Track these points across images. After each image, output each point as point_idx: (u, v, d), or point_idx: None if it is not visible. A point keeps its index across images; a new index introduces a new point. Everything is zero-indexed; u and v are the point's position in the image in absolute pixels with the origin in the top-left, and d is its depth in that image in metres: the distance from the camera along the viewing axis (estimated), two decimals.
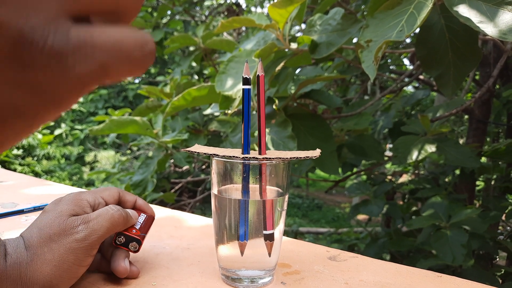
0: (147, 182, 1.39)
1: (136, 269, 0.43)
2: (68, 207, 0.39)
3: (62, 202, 0.40)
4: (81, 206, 0.40)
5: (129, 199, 0.47)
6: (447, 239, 1.20)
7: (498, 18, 0.55)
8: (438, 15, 0.75)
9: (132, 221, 0.43)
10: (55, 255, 0.36)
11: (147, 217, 0.47)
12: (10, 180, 0.96)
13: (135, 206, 0.48)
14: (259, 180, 0.40)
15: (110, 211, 0.40)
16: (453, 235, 1.21)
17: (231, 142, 1.03)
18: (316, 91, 1.22)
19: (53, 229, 0.37)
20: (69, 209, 0.39)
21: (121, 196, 0.47)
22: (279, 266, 0.46)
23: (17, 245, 0.36)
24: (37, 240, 0.37)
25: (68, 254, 0.36)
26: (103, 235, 0.39)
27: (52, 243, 0.36)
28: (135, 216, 0.44)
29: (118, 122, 1.20)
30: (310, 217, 5.92)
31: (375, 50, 0.60)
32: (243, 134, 0.41)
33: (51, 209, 0.39)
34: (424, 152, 1.11)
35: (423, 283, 0.41)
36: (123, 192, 0.47)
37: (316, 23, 0.95)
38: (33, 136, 4.49)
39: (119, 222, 0.41)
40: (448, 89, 0.78)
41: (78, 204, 0.40)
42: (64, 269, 0.36)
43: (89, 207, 0.41)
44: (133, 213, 0.44)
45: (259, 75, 0.40)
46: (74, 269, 0.36)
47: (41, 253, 0.36)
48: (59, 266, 0.36)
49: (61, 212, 0.39)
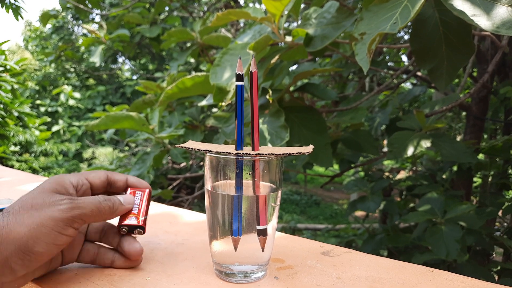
0: (143, 178, 1.39)
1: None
2: (51, 186, 0.39)
3: (44, 182, 0.40)
4: (64, 186, 0.40)
5: (119, 178, 0.46)
6: (442, 234, 1.21)
7: (492, 11, 0.55)
8: (433, 9, 0.76)
9: (122, 208, 0.42)
10: (34, 220, 0.35)
11: (142, 194, 0.46)
12: (6, 176, 0.96)
13: (126, 184, 0.46)
14: (252, 176, 0.40)
15: (97, 198, 0.40)
16: (447, 230, 1.22)
17: (225, 132, 1.03)
18: (311, 85, 1.22)
19: (35, 200, 0.37)
20: (52, 187, 0.39)
21: (110, 177, 0.45)
22: (273, 261, 0.46)
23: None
24: (17, 208, 0.36)
25: (48, 220, 0.36)
26: (87, 215, 0.38)
27: (32, 211, 0.36)
28: (129, 200, 0.44)
29: (114, 117, 1.19)
30: (308, 213, 5.94)
31: (369, 42, 0.60)
32: (236, 130, 0.41)
33: (34, 188, 0.39)
34: (419, 147, 1.12)
35: (415, 277, 0.42)
36: (112, 173, 0.46)
37: (311, 16, 0.95)
38: (30, 133, 4.47)
39: (105, 211, 0.40)
40: (442, 83, 0.78)
41: (60, 184, 0.40)
42: (42, 232, 0.35)
43: (72, 188, 0.40)
44: (126, 198, 0.43)
45: (252, 72, 0.40)
46: (53, 234, 0.36)
47: (19, 218, 0.35)
48: (36, 229, 0.35)
49: (43, 188, 0.39)
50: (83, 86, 9.73)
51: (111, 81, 9.49)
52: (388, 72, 1.84)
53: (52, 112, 8.81)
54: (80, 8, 2.15)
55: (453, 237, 1.18)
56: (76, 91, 9.08)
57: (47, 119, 5.04)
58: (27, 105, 2.67)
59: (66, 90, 8.60)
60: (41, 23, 2.77)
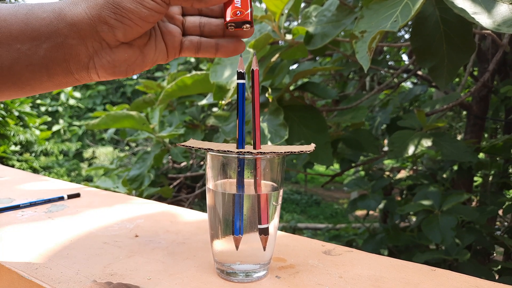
0: (144, 177, 1.39)
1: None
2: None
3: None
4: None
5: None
6: (438, 222, 1.22)
7: (493, 9, 0.55)
8: (433, 7, 0.75)
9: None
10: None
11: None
12: (6, 175, 0.96)
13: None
14: (254, 175, 0.40)
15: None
16: (443, 219, 1.23)
17: (224, 131, 1.03)
18: (312, 83, 1.22)
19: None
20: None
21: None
22: (274, 260, 0.46)
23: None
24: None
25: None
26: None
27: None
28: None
29: (114, 116, 1.19)
30: (308, 213, 5.93)
31: (369, 40, 0.60)
32: (237, 128, 0.41)
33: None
34: (420, 146, 1.11)
35: (417, 276, 0.42)
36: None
37: (312, 14, 0.95)
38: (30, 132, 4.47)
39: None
40: (442, 81, 0.78)
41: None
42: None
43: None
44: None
45: (253, 69, 0.40)
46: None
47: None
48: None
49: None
50: (84, 86, 9.72)
51: (112, 80, 9.49)
52: (388, 71, 1.83)
53: (52, 111, 8.82)
54: None
55: (448, 225, 1.19)
56: (76, 91, 9.08)
57: (47, 119, 5.04)
58: (28, 104, 2.67)
59: (67, 89, 8.60)
60: None
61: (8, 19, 0.35)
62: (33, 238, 0.52)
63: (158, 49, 0.42)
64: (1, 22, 0.35)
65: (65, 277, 0.41)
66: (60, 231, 0.55)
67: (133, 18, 0.36)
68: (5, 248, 0.48)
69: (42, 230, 0.55)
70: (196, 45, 0.43)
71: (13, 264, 0.44)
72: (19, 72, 0.36)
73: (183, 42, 0.43)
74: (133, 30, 0.37)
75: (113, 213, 0.64)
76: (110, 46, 0.38)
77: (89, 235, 0.54)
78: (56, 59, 0.37)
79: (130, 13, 0.36)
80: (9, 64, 0.36)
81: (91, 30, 0.36)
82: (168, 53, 0.43)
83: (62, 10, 0.36)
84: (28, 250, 0.48)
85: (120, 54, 0.39)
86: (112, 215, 0.64)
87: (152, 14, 0.37)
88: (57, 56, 0.37)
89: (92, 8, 0.35)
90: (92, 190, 0.82)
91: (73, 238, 0.52)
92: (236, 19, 0.40)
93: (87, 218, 0.62)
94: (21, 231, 0.55)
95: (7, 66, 0.36)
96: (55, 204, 0.69)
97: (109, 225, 0.58)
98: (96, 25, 0.36)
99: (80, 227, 0.57)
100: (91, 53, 0.38)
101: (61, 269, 0.43)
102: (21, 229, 0.55)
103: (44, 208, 0.66)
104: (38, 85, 0.39)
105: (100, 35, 0.37)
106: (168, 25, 0.42)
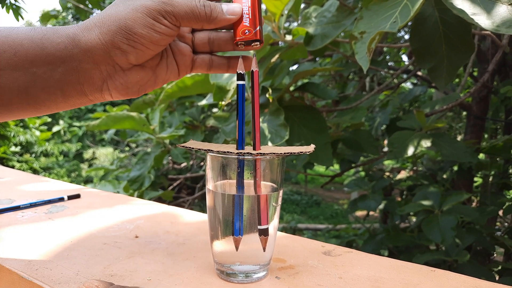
0: (144, 178, 1.39)
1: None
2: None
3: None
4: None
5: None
6: (438, 222, 1.22)
7: (492, 10, 0.55)
8: (432, 8, 0.76)
9: (223, 18, 0.39)
10: (129, 5, 0.37)
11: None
12: (6, 176, 0.96)
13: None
14: (254, 176, 0.40)
15: (193, 1, 0.38)
16: (444, 219, 1.23)
17: (224, 131, 1.04)
18: (311, 84, 1.22)
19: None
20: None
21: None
22: (274, 261, 0.46)
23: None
24: (113, 3, 0.38)
25: (141, 6, 0.37)
26: (180, 15, 0.37)
27: (127, 0, 0.37)
28: (234, 11, 0.39)
29: (115, 117, 1.19)
30: (308, 213, 5.94)
31: (369, 41, 0.60)
32: (237, 129, 0.41)
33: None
34: (420, 147, 1.12)
35: (417, 277, 0.42)
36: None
37: (311, 15, 0.95)
38: (31, 133, 4.48)
39: (201, 17, 0.38)
40: (441, 81, 0.78)
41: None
42: (138, 16, 0.36)
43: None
44: (231, 8, 0.39)
45: (253, 70, 0.40)
46: (148, 20, 0.37)
47: (116, 6, 0.37)
48: (131, 12, 0.36)
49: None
50: None
51: None
52: (388, 71, 1.84)
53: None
54: (81, 8, 2.15)
55: (448, 224, 1.20)
56: None
57: (47, 120, 5.05)
58: None
59: None
60: (42, 24, 2.77)
61: (25, 43, 0.36)
62: (33, 239, 0.52)
63: (170, 68, 0.43)
64: (18, 46, 0.36)
65: (65, 277, 0.41)
66: (60, 232, 0.55)
67: (145, 43, 0.37)
68: (6, 249, 0.48)
69: (42, 231, 0.55)
70: (208, 63, 0.44)
71: (13, 264, 0.44)
72: (35, 94, 0.37)
73: (194, 60, 0.44)
74: (145, 54, 0.38)
75: (113, 214, 0.65)
76: (123, 69, 0.39)
77: (89, 236, 0.54)
78: (71, 82, 0.38)
79: (142, 38, 0.37)
80: (26, 87, 0.37)
81: (104, 55, 0.37)
82: (179, 71, 0.44)
83: (76, 36, 0.37)
84: (28, 250, 0.48)
85: (132, 76, 0.40)
86: (112, 216, 0.64)
87: (163, 37, 0.38)
88: (72, 79, 0.38)
89: (105, 34, 0.36)
90: (92, 191, 0.82)
91: (73, 239, 0.52)
92: (245, 38, 0.40)
93: (87, 219, 0.62)
94: (21, 232, 0.55)
95: (24, 88, 0.37)
96: (55, 205, 0.69)
97: (109, 226, 0.58)
98: (110, 50, 0.37)
99: (80, 228, 0.57)
100: (105, 76, 0.39)
101: (61, 270, 0.43)
102: (21, 230, 0.55)
103: (44, 209, 0.66)
104: (54, 106, 0.40)
105: (113, 59, 0.38)
106: (179, 43, 0.43)
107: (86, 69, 0.38)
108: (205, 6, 0.38)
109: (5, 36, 0.36)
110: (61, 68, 0.37)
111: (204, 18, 0.38)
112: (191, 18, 0.38)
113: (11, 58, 0.35)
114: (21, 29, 0.37)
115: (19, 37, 0.36)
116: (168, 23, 0.37)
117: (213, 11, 0.38)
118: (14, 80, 0.36)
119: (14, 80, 0.36)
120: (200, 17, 0.38)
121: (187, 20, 0.38)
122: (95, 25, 0.37)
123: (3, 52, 0.35)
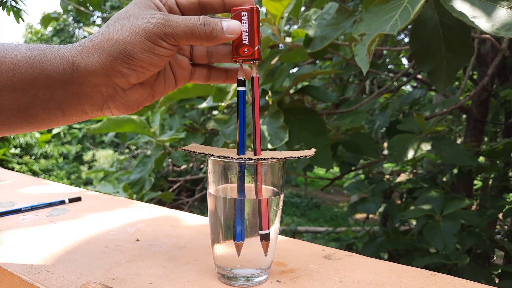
0: (145, 181, 1.39)
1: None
2: (145, 0, 0.38)
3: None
4: (155, 2, 0.38)
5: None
6: (440, 228, 1.22)
7: (492, 13, 0.55)
8: (432, 11, 0.76)
9: (223, 37, 0.39)
10: (127, 28, 0.36)
11: (250, 16, 0.39)
12: (7, 179, 0.96)
13: (224, 5, 0.40)
14: (255, 180, 0.40)
15: (193, 20, 0.37)
16: (445, 225, 1.23)
17: (224, 134, 1.04)
18: (311, 87, 1.22)
19: (128, 12, 0.37)
20: (145, 2, 0.38)
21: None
22: (275, 264, 0.46)
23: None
24: (112, 19, 0.37)
25: (140, 29, 0.36)
26: (179, 36, 0.37)
27: (125, 20, 0.37)
28: (233, 29, 0.39)
29: (116, 121, 1.20)
30: (308, 216, 5.93)
31: (368, 43, 0.60)
32: (238, 135, 0.41)
33: (128, 4, 0.39)
34: (420, 150, 1.12)
35: (417, 281, 0.42)
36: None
37: (311, 17, 0.96)
38: (31, 135, 4.48)
39: (200, 36, 0.38)
40: (441, 84, 0.78)
41: (153, 0, 0.38)
42: (137, 40, 0.36)
43: (162, 6, 0.39)
44: (231, 26, 0.39)
45: (253, 77, 0.40)
46: (147, 44, 0.36)
47: (113, 26, 0.37)
48: (130, 36, 0.36)
49: (136, 2, 0.38)
50: None
51: None
52: (388, 74, 1.84)
53: None
54: (81, 10, 2.16)
55: (450, 231, 1.19)
56: None
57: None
58: None
59: None
60: (42, 26, 2.77)
61: (23, 64, 0.36)
62: (34, 242, 0.52)
63: (167, 82, 0.44)
64: (16, 67, 0.35)
65: (67, 281, 0.41)
66: (61, 235, 0.55)
67: (145, 66, 0.38)
68: (7, 252, 0.49)
69: (44, 234, 0.55)
70: (206, 75, 0.45)
71: (15, 268, 0.44)
72: (35, 114, 0.38)
73: (193, 72, 0.44)
74: (145, 75, 0.39)
75: (114, 217, 0.65)
76: (123, 89, 0.39)
77: (90, 239, 0.54)
78: (72, 103, 0.38)
79: (142, 62, 0.37)
80: (25, 107, 0.37)
81: (105, 78, 0.37)
82: (177, 83, 0.44)
83: (76, 60, 0.37)
84: (30, 254, 0.48)
85: (132, 94, 0.40)
86: (113, 219, 0.64)
87: (162, 59, 0.38)
88: (73, 101, 0.38)
89: (105, 59, 0.36)
90: (93, 194, 0.82)
91: (75, 242, 0.52)
92: (243, 57, 0.40)
93: (89, 222, 0.62)
94: (22, 235, 0.55)
95: (23, 109, 0.37)
96: (57, 208, 0.69)
97: (110, 229, 0.59)
98: (110, 74, 0.37)
99: (82, 231, 0.57)
100: (106, 97, 0.39)
101: (62, 273, 0.43)
102: (23, 233, 0.56)
103: (45, 212, 0.66)
104: (54, 124, 0.40)
105: (114, 81, 0.38)
106: (178, 56, 0.43)
107: (87, 92, 0.38)
108: (205, 25, 0.38)
109: (3, 56, 0.35)
110: (61, 91, 0.37)
111: (204, 37, 0.38)
112: (190, 38, 0.38)
113: (9, 79, 0.35)
114: (19, 48, 0.36)
115: (17, 58, 0.36)
116: (167, 45, 0.37)
117: (213, 30, 0.38)
118: (14, 101, 0.36)
119: (14, 100, 0.36)
120: (200, 37, 0.38)
121: (186, 40, 0.38)
122: (94, 48, 0.37)
123: (2, 73, 0.35)
